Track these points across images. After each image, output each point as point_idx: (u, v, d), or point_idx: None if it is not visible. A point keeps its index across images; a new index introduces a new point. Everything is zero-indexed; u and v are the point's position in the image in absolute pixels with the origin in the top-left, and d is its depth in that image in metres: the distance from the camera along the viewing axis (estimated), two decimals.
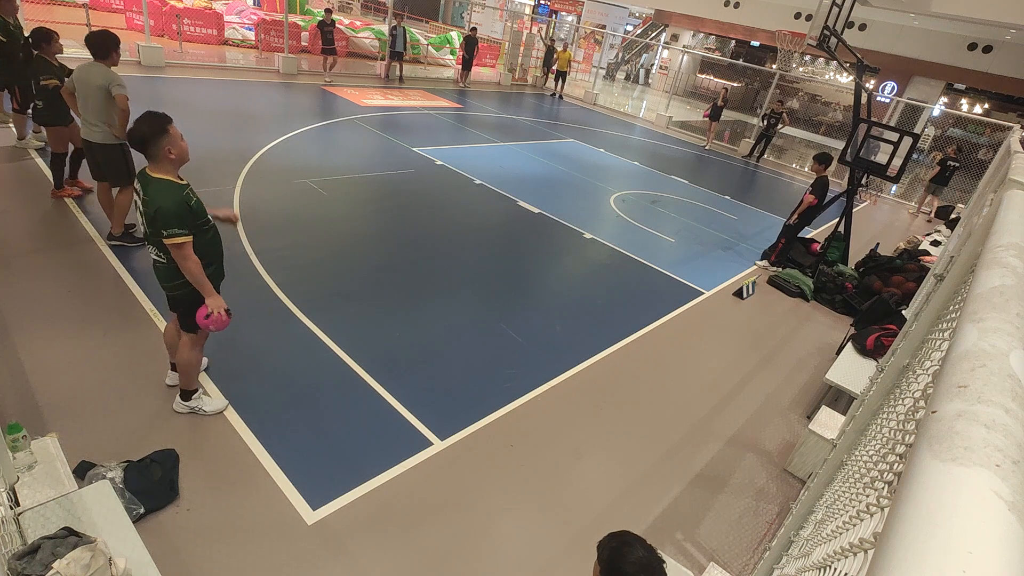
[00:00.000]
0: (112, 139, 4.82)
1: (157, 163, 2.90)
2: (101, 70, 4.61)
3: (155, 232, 2.88)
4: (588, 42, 29.33)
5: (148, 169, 2.91)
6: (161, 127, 2.84)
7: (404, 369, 4.31)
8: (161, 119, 2.85)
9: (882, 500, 1.15)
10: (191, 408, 3.49)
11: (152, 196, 2.84)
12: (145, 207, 2.88)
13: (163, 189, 2.87)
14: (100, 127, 4.76)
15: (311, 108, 11.12)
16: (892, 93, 19.75)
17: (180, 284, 3.08)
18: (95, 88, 4.60)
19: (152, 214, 2.84)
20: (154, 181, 2.88)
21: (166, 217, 2.82)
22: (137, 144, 2.85)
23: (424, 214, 7.24)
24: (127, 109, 4.66)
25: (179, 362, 3.38)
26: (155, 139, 2.82)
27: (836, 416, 4.14)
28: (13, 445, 2.55)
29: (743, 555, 3.38)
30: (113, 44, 4.66)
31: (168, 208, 2.81)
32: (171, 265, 3.02)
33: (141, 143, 2.83)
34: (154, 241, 2.98)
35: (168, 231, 2.83)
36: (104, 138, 4.81)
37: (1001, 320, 0.77)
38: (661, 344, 5.46)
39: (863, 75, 7.57)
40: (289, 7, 16.15)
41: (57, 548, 2.03)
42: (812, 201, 7.30)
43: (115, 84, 4.60)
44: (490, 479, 3.52)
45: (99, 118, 4.72)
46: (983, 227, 1.62)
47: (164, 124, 2.85)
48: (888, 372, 2.22)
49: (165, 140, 2.84)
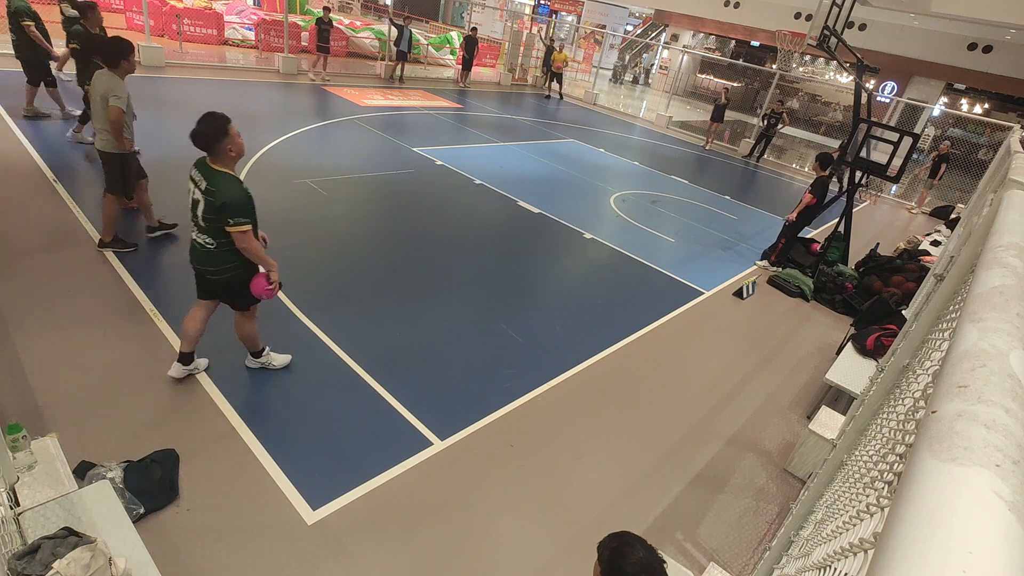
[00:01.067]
0: (111, 147, 4.80)
1: (219, 158, 3.17)
2: (105, 79, 4.59)
3: (218, 220, 3.16)
4: (588, 42, 29.33)
5: (209, 162, 3.18)
6: (222, 127, 3.11)
7: (404, 369, 4.31)
8: (222, 120, 3.12)
9: (882, 500, 1.15)
10: (262, 364, 3.94)
11: (220, 188, 3.12)
12: (210, 196, 3.13)
13: (230, 183, 3.16)
14: (102, 134, 4.78)
15: (311, 108, 11.12)
16: (892, 93, 19.75)
17: (228, 268, 3.37)
18: (98, 96, 4.61)
19: (220, 205, 3.11)
20: (221, 175, 3.16)
21: (234, 208, 3.13)
22: (200, 143, 3.11)
23: (424, 214, 7.24)
24: (116, 121, 4.63)
25: (241, 335, 3.77)
26: (218, 138, 3.10)
27: (836, 416, 4.14)
28: (13, 445, 2.55)
29: (743, 555, 3.38)
30: (123, 52, 4.57)
31: (236, 200, 3.14)
32: (221, 251, 3.29)
33: (204, 142, 3.10)
34: (207, 228, 3.23)
35: (235, 220, 3.15)
36: (103, 145, 4.81)
37: (1001, 320, 0.77)
38: (661, 344, 5.46)
39: (863, 75, 7.57)
40: (289, 7, 16.15)
41: (57, 548, 2.03)
42: (811, 201, 7.30)
43: (112, 95, 4.56)
44: (490, 479, 3.52)
45: (101, 125, 4.74)
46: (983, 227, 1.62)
47: (224, 125, 3.12)
48: (888, 372, 2.22)
49: (226, 139, 3.13)
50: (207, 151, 3.15)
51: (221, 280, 3.42)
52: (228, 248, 3.29)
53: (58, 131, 7.36)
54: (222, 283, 3.45)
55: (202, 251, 3.33)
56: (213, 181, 3.13)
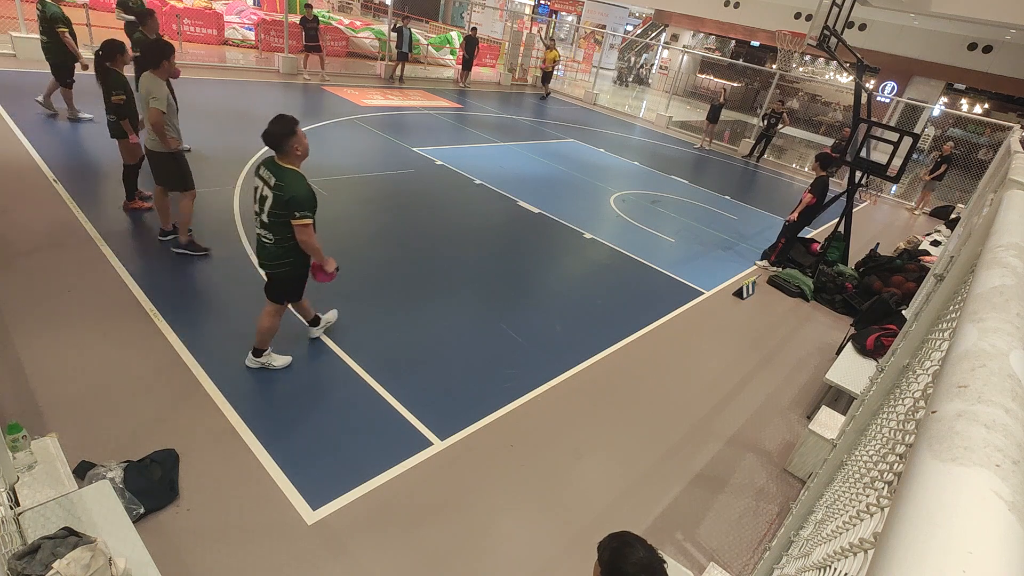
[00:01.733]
0: (159, 147, 4.87)
1: (286, 157, 3.40)
2: (147, 80, 4.65)
3: (283, 214, 3.39)
4: (588, 42, 29.31)
5: (277, 160, 3.42)
6: (290, 128, 3.35)
7: (404, 369, 4.31)
8: (290, 121, 3.36)
9: (882, 500, 1.15)
10: (262, 364, 3.99)
11: (288, 184, 3.35)
12: (279, 191, 3.35)
13: (297, 179, 3.39)
14: (151, 134, 4.82)
15: (311, 108, 11.12)
16: (892, 93, 19.75)
17: (284, 263, 3.61)
18: (141, 98, 4.68)
19: (287, 199, 3.34)
20: (288, 172, 3.39)
21: (300, 202, 3.37)
22: (270, 142, 3.35)
23: (424, 214, 7.24)
24: (157, 123, 4.70)
25: (260, 327, 3.87)
26: (286, 138, 3.34)
27: (836, 416, 4.14)
28: (13, 445, 2.55)
29: (743, 555, 3.38)
30: (165, 53, 4.68)
31: (302, 195, 3.37)
32: (278, 247, 3.53)
33: (274, 141, 3.34)
34: (273, 224, 3.45)
35: (300, 213, 3.38)
36: (153, 145, 4.88)
37: (1001, 320, 0.77)
38: (661, 344, 5.46)
39: (863, 75, 7.57)
40: (289, 7, 16.14)
41: (57, 548, 2.03)
42: (811, 200, 7.30)
43: (151, 96, 4.63)
44: (490, 479, 3.52)
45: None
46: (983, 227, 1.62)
47: (292, 126, 3.36)
48: (888, 372, 2.22)
49: (293, 139, 3.36)
50: (276, 150, 3.39)
51: (274, 274, 3.69)
52: (285, 245, 3.53)
53: (59, 131, 7.37)
54: (275, 276, 3.70)
55: (262, 247, 3.61)
56: (281, 177, 3.36)
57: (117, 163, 5.74)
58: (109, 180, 6.22)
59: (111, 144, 5.69)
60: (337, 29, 17.03)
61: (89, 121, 7.82)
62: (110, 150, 6.93)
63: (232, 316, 4.57)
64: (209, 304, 4.70)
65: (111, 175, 6.27)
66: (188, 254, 5.19)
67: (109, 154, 6.81)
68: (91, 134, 7.46)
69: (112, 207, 5.75)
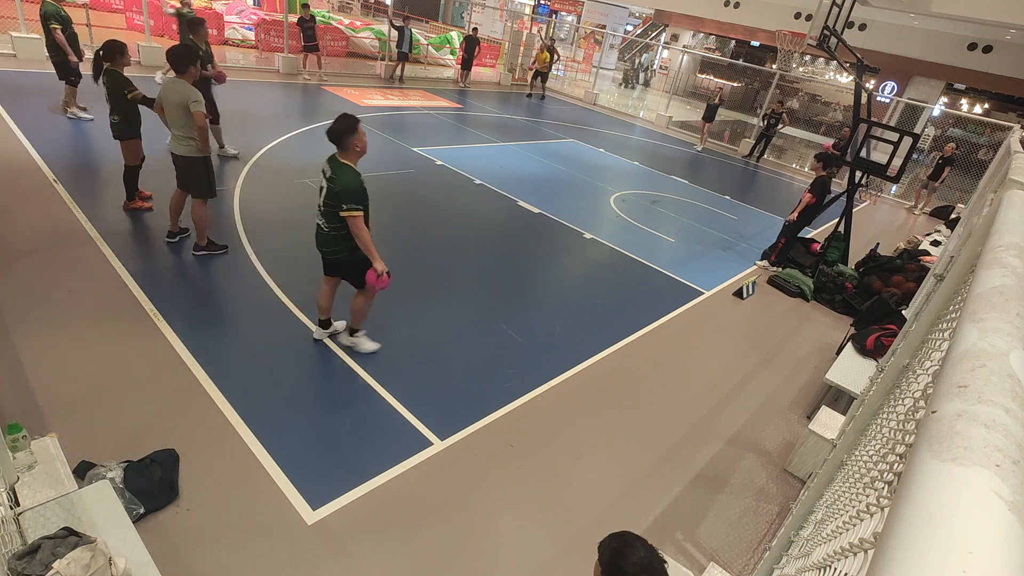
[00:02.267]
0: (196, 152, 4.91)
1: (346, 153, 3.66)
2: (181, 86, 4.69)
3: (335, 205, 3.62)
4: (588, 42, 29.30)
5: (337, 156, 3.68)
6: (352, 126, 3.58)
7: (404, 369, 4.31)
8: (353, 120, 3.59)
9: (882, 500, 1.15)
10: (352, 343, 4.31)
11: (340, 177, 3.59)
12: (332, 184, 3.62)
13: (350, 173, 3.63)
14: (185, 141, 4.85)
15: (311, 108, 11.12)
16: (892, 93, 19.74)
17: (339, 250, 3.86)
18: (175, 104, 4.70)
19: (338, 191, 3.58)
20: (343, 166, 3.64)
21: (349, 195, 3.59)
22: (333, 138, 3.59)
23: (424, 214, 7.24)
24: (205, 126, 4.79)
25: (352, 307, 4.21)
26: (347, 135, 3.58)
27: (836, 416, 4.14)
28: (13, 445, 2.55)
29: (743, 555, 3.38)
30: (192, 59, 4.75)
31: (352, 188, 3.59)
32: (334, 234, 3.79)
33: (336, 137, 3.59)
34: (327, 213, 3.73)
35: (348, 206, 3.60)
36: (188, 151, 4.90)
37: (1001, 320, 0.77)
38: (661, 344, 5.46)
39: (863, 75, 7.57)
40: (289, 7, 16.14)
41: (57, 548, 2.03)
42: (810, 200, 7.30)
43: (192, 101, 4.67)
44: (490, 479, 3.52)
45: (184, 132, 4.82)
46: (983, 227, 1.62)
47: (354, 124, 3.59)
48: (888, 372, 2.22)
49: (354, 137, 3.60)
50: (337, 146, 3.64)
51: (334, 260, 3.96)
52: (339, 233, 3.78)
53: (59, 131, 7.36)
54: (337, 262, 3.97)
55: (320, 234, 3.88)
56: (336, 171, 3.63)
57: (117, 163, 5.74)
58: (109, 180, 6.22)
59: (111, 144, 5.70)
60: (337, 29, 17.02)
61: (90, 121, 7.82)
62: (110, 150, 6.94)
63: (233, 316, 4.57)
64: (210, 304, 4.70)
65: (111, 175, 6.27)
66: (209, 254, 5.24)
67: (109, 154, 6.81)
68: (91, 134, 7.45)
69: (112, 207, 5.75)
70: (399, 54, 14.98)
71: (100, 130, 7.54)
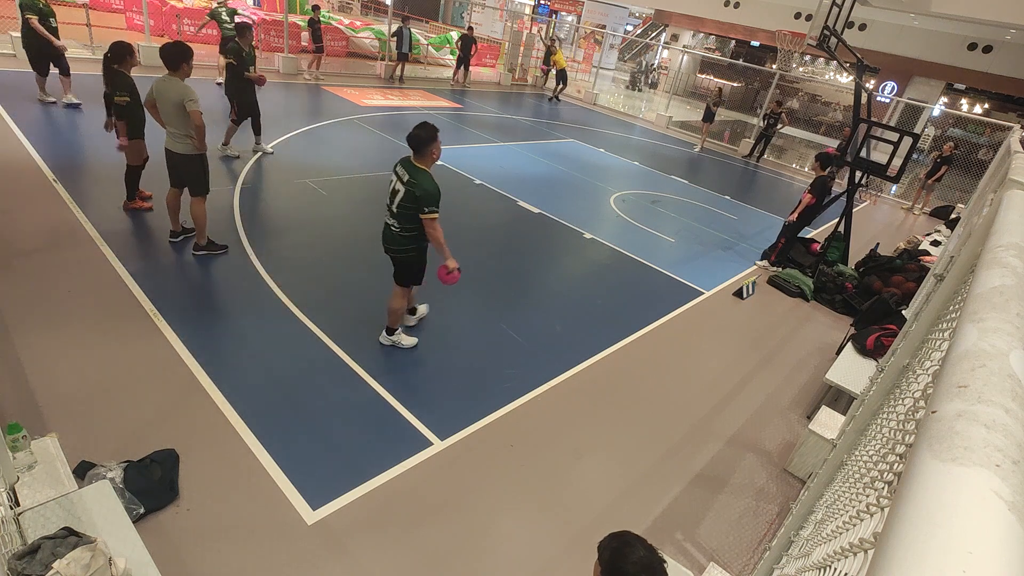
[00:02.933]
0: (192, 150, 4.90)
1: (423, 158, 3.86)
2: (176, 84, 4.68)
3: (414, 208, 3.82)
4: (588, 42, 29.29)
5: (414, 160, 3.87)
6: (433, 135, 3.82)
7: (404, 369, 4.31)
8: (434, 129, 3.83)
9: (882, 500, 1.15)
10: (392, 341, 4.49)
11: (420, 182, 3.79)
12: (411, 188, 3.79)
13: (428, 179, 3.83)
14: (181, 139, 4.85)
15: (311, 108, 11.12)
16: (892, 93, 19.74)
17: (409, 250, 4.06)
18: (171, 103, 4.69)
19: (419, 195, 3.78)
20: (421, 172, 3.84)
21: (430, 198, 3.80)
22: (414, 144, 3.81)
23: None
24: (202, 125, 4.76)
25: (389, 308, 4.35)
26: (429, 143, 3.80)
27: (836, 416, 4.14)
28: (13, 445, 2.55)
29: (743, 555, 3.38)
30: (184, 56, 4.72)
31: (433, 192, 3.81)
32: (403, 235, 3.99)
33: (417, 143, 3.80)
34: (400, 215, 3.91)
35: (428, 208, 3.81)
36: (185, 149, 4.90)
37: (1001, 320, 0.77)
38: (661, 344, 5.46)
39: (863, 75, 7.57)
40: (289, 7, 16.14)
41: (57, 548, 2.03)
42: (810, 201, 7.30)
43: (188, 99, 4.66)
44: (490, 479, 3.52)
45: (180, 131, 4.81)
46: (983, 227, 1.62)
47: (435, 133, 3.83)
48: (888, 372, 2.22)
49: (433, 144, 3.83)
50: (416, 151, 3.84)
51: (397, 259, 4.13)
52: (410, 234, 3.98)
53: (59, 131, 7.37)
54: (400, 261, 4.14)
55: (390, 234, 4.06)
56: (415, 176, 3.81)
57: (117, 163, 5.75)
58: (109, 180, 6.21)
59: (111, 144, 5.70)
60: (337, 29, 17.01)
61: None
62: (110, 150, 6.94)
63: (233, 316, 4.57)
64: (209, 304, 4.70)
65: (111, 175, 6.26)
66: (209, 254, 5.24)
67: (109, 154, 6.81)
68: (92, 134, 7.45)
69: (112, 207, 5.75)
70: (399, 54, 14.99)
71: (100, 130, 7.53)
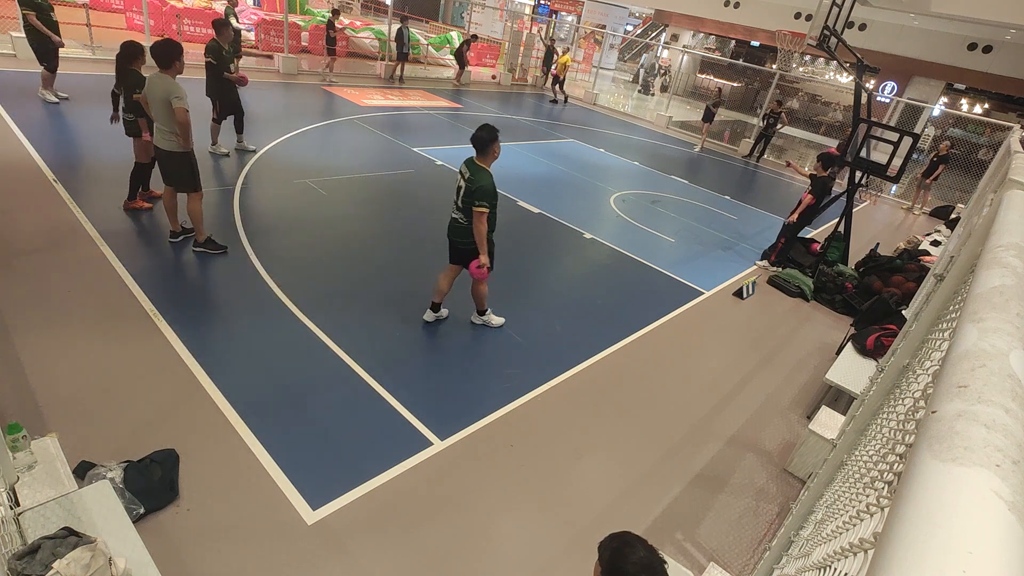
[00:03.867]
0: (176, 147, 4.91)
1: (484, 157, 4.21)
2: (163, 81, 4.68)
3: (470, 202, 4.15)
4: (588, 42, 29.29)
5: (475, 159, 4.23)
6: (495, 136, 4.16)
7: (404, 369, 4.31)
8: (495, 131, 4.17)
9: (882, 500, 1.15)
10: (484, 320, 4.99)
11: (477, 177, 4.13)
12: (470, 184, 4.15)
13: (486, 176, 4.17)
14: (167, 135, 4.86)
15: (311, 108, 11.12)
16: (892, 93, 19.74)
17: (470, 241, 4.35)
18: (158, 99, 4.70)
19: (474, 189, 4.11)
20: (480, 169, 4.20)
21: (482, 192, 4.11)
22: (478, 144, 4.16)
23: (424, 214, 7.23)
24: (186, 122, 4.76)
25: (473, 294, 4.86)
26: (491, 143, 4.15)
27: (836, 416, 4.14)
28: (13, 445, 2.55)
29: (743, 555, 3.38)
30: (175, 54, 4.72)
31: (486, 187, 4.13)
32: (469, 227, 4.29)
33: (480, 144, 4.15)
34: (463, 208, 4.26)
35: (479, 203, 4.12)
36: (169, 145, 4.90)
37: (1001, 320, 0.77)
38: (661, 344, 5.46)
39: (863, 75, 7.57)
40: (289, 7, 16.14)
41: (57, 548, 2.03)
42: (810, 201, 7.30)
43: (174, 96, 4.67)
44: (490, 479, 3.52)
45: (166, 127, 4.82)
46: (983, 227, 1.62)
47: (496, 135, 4.17)
48: (888, 372, 2.22)
49: (495, 145, 4.18)
50: (478, 151, 4.19)
51: (463, 248, 4.45)
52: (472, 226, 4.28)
53: (59, 131, 7.36)
54: (463, 252, 4.46)
55: (455, 226, 4.41)
56: (475, 173, 4.16)
57: (117, 163, 5.76)
58: (109, 180, 6.21)
59: (111, 144, 5.71)
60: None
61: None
62: (110, 150, 6.95)
63: (232, 316, 4.57)
64: (209, 304, 4.70)
65: (111, 175, 6.27)
66: (207, 252, 5.26)
67: (109, 154, 6.82)
68: (92, 134, 7.46)
69: (112, 207, 5.75)
70: (399, 54, 15.01)
71: (101, 130, 7.54)
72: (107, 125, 5.83)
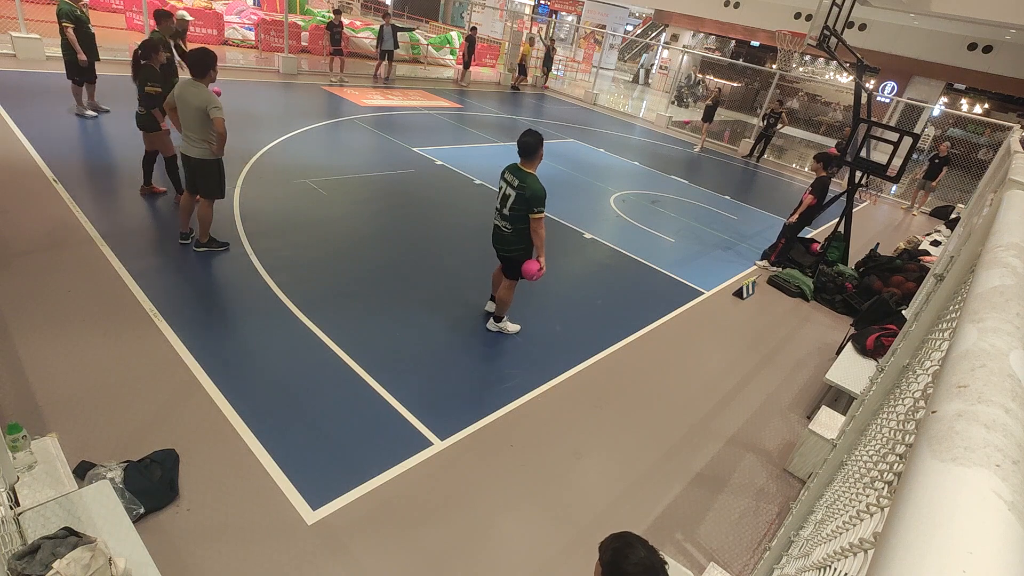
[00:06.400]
0: (208, 155, 4.94)
1: (531, 162, 4.21)
2: (199, 91, 4.71)
3: (524, 209, 4.17)
4: (588, 42, 29.28)
5: (521, 165, 4.24)
6: (540, 141, 4.16)
7: (404, 369, 4.31)
8: (539, 136, 4.16)
9: (882, 500, 1.15)
10: (500, 328, 4.94)
11: (529, 185, 4.13)
12: (520, 190, 4.15)
13: (536, 181, 4.18)
14: (199, 144, 4.87)
15: (311, 108, 11.12)
16: (892, 93, 19.74)
17: (517, 248, 4.40)
18: (193, 108, 4.71)
19: (528, 196, 4.12)
20: (529, 175, 4.19)
21: (539, 199, 4.14)
22: (524, 150, 4.17)
23: (424, 214, 7.24)
24: (224, 132, 4.79)
25: (499, 297, 4.77)
26: (536, 148, 4.16)
27: (836, 416, 4.14)
28: (13, 445, 2.55)
29: (743, 555, 3.38)
30: (211, 62, 4.79)
31: (540, 194, 4.15)
32: (513, 235, 4.33)
33: (526, 149, 4.17)
34: (512, 216, 4.25)
35: (537, 209, 4.15)
36: (202, 154, 4.92)
37: (1001, 320, 0.77)
38: (661, 344, 5.46)
39: (863, 75, 7.57)
40: (289, 7, 16.14)
41: (57, 548, 2.03)
42: (811, 201, 7.30)
43: (212, 106, 4.69)
44: (490, 479, 3.52)
45: (198, 135, 4.83)
46: (983, 227, 1.62)
47: (541, 139, 4.16)
48: (888, 372, 2.22)
49: (541, 150, 4.19)
50: (524, 156, 4.20)
51: (508, 257, 4.47)
52: (519, 233, 4.32)
53: (59, 130, 7.36)
54: (507, 259, 4.49)
55: (500, 234, 4.44)
56: (524, 180, 4.16)
57: (116, 163, 5.75)
58: (109, 180, 6.22)
59: (111, 144, 5.72)
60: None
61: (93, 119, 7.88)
62: (110, 150, 6.95)
63: (232, 316, 4.57)
64: (209, 304, 4.69)
65: (111, 175, 6.27)
66: (210, 251, 5.29)
67: (110, 154, 6.82)
68: (92, 134, 7.45)
69: (112, 207, 5.76)
70: (380, 52, 14.78)
71: (101, 130, 7.54)
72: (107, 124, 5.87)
